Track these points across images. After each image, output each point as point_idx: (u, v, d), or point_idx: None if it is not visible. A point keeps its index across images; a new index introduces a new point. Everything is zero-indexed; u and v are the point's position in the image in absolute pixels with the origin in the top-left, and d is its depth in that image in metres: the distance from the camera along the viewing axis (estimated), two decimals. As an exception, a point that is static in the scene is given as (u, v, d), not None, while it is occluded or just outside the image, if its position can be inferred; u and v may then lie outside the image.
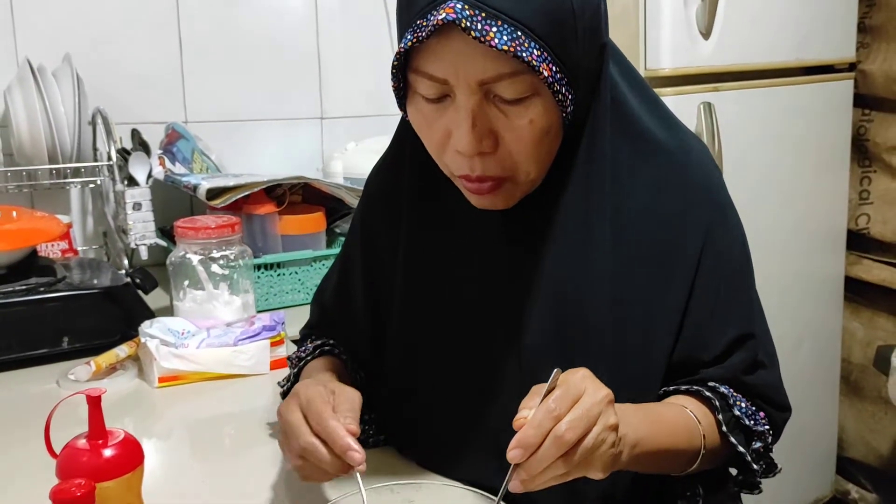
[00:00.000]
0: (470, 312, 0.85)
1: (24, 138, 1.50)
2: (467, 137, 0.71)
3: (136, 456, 0.62)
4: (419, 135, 0.78)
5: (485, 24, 0.65)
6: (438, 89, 0.72)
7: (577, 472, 0.65)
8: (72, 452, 0.60)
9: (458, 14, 0.65)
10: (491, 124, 0.72)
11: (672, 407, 0.80)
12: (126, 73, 1.75)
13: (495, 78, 0.69)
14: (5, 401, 1.14)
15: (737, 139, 1.65)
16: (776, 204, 1.81)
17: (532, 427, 0.62)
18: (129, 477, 0.61)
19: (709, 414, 0.81)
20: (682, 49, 1.56)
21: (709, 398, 0.81)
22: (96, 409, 0.61)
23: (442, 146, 0.76)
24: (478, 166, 0.74)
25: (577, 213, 0.79)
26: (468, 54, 0.68)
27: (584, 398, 0.65)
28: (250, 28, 1.88)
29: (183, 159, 1.72)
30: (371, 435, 0.96)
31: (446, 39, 0.68)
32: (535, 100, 0.71)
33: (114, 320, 1.28)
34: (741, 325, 0.83)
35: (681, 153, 0.83)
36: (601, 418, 0.64)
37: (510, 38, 0.66)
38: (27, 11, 1.64)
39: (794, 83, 1.77)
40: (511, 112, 0.72)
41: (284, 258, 1.53)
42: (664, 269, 0.80)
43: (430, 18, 0.66)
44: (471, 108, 0.71)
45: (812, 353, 1.98)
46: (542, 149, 0.75)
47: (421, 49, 0.70)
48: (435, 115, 0.74)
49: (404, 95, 0.76)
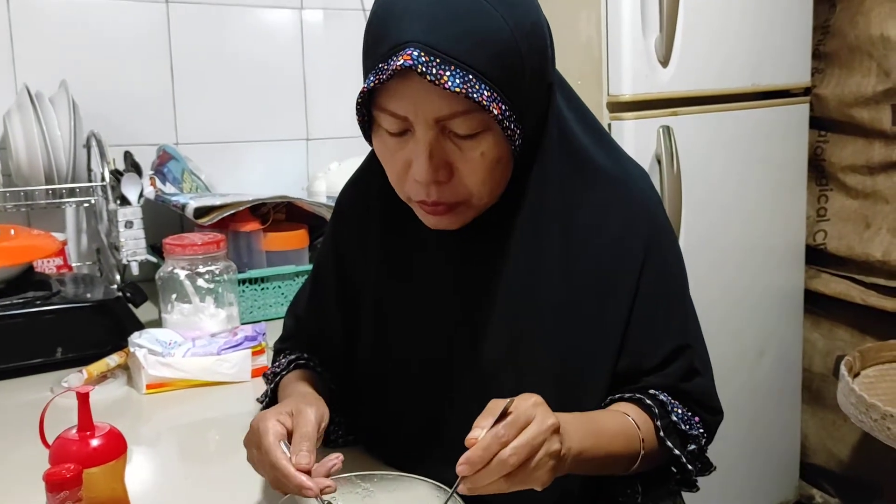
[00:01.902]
0: (432, 326, 0.93)
1: (22, 160, 1.59)
2: (424, 167, 0.80)
3: (119, 446, 0.71)
4: (383, 164, 0.87)
5: (439, 68, 0.74)
6: (400, 125, 0.80)
7: (517, 487, 0.72)
8: (63, 442, 0.69)
9: (414, 61, 0.74)
10: (447, 156, 0.81)
11: (614, 415, 0.87)
12: (120, 97, 1.83)
13: (450, 116, 0.78)
14: (3, 407, 1.21)
15: (696, 161, 1.75)
16: (737, 222, 1.90)
17: (480, 449, 0.69)
18: (114, 464, 0.70)
19: (648, 420, 0.88)
20: (641, 76, 1.66)
21: (649, 406, 0.88)
22: (85, 404, 0.70)
23: (402, 175, 0.84)
24: (434, 193, 0.83)
25: (528, 233, 0.87)
26: (425, 95, 0.77)
27: (531, 426, 0.71)
28: (238, 53, 1.97)
29: (173, 179, 1.81)
30: (341, 436, 1.03)
31: (406, 81, 0.76)
32: (487, 135, 0.80)
33: (105, 332, 1.36)
34: (678, 336, 0.91)
35: (623, 179, 0.92)
36: (545, 445, 0.72)
37: (462, 80, 0.74)
38: (26, 41, 1.72)
39: (750, 107, 1.87)
40: (465, 146, 0.80)
41: (268, 273, 1.61)
42: (608, 286, 0.88)
43: (391, 63, 0.75)
44: (428, 141, 0.79)
45: (774, 363, 2.06)
46: (493, 178, 0.83)
47: (384, 89, 0.78)
48: (397, 147, 0.83)
49: (369, 128, 0.85)
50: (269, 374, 1.06)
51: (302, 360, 1.03)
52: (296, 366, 1.03)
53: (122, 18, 1.83)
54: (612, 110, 1.66)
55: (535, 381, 0.84)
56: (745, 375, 1.98)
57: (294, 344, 1.07)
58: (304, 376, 0.99)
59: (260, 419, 0.82)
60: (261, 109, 2.02)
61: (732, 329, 1.92)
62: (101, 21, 1.80)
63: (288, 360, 1.04)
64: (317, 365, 1.03)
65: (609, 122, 1.66)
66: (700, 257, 1.79)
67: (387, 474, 0.84)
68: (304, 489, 0.75)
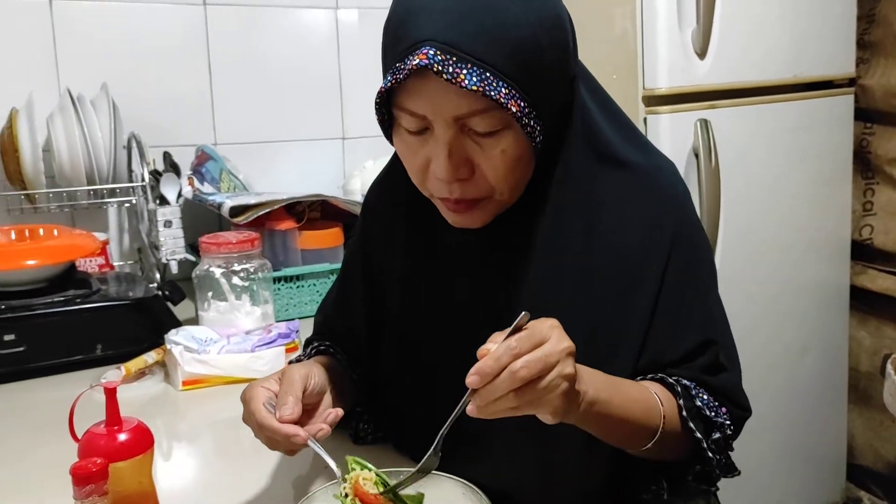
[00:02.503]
0: (457, 324, 0.93)
1: (65, 162, 1.62)
2: (445, 166, 0.80)
3: (146, 440, 0.72)
4: (404, 162, 0.87)
5: (455, 67, 0.73)
6: (419, 123, 0.80)
7: (528, 408, 0.70)
8: (91, 437, 0.71)
9: (430, 60, 0.73)
10: (467, 154, 0.81)
11: (637, 384, 0.85)
12: (160, 99, 1.87)
13: (468, 114, 0.77)
14: (44, 402, 1.24)
15: (735, 155, 1.72)
16: (777, 216, 1.86)
17: (491, 359, 0.68)
18: (141, 458, 0.71)
19: (671, 398, 0.86)
20: (678, 69, 1.63)
21: (672, 385, 0.86)
22: (112, 399, 0.71)
23: (424, 173, 0.84)
24: (456, 190, 0.82)
25: (551, 230, 0.86)
26: (442, 94, 0.76)
27: (545, 344, 0.70)
28: (275, 53, 2.00)
29: (211, 179, 1.84)
30: (370, 432, 1.04)
31: (424, 80, 0.76)
32: (507, 132, 0.79)
33: (143, 329, 1.39)
34: (703, 331, 0.89)
35: (650, 173, 0.91)
36: (558, 366, 0.69)
37: (479, 78, 0.74)
38: (68, 45, 1.77)
39: (792, 99, 1.83)
40: (485, 143, 0.80)
41: (302, 271, 1.63)
42: (633, 280, 0.87)
43: (407, 63, 0.75)
44: (447, 140, 0.79)
45: (818, 361, 2.01)
46: (515, 175, 0.83)
47: (402, 88, 0.78)
48: (417, 146, 0.83)
49: (390, 127, 0.85)
50: (294, 361, 1.07)
51: (323, 346, 1.04)
52: (316, 352, 1.04)
53: (161, 22, 1.86)
54: (647, 104, 1.64)
55: None
56: (788, 373, 1.94)
57: (321, 340, 1.08)
58: (322, 359, 1.00)
59: (247, 389, 0.86)
60: (297, 109, 2.04)
61: (773, 325, 1.88)
62: (141, 25, 1.84)
63: (311, 348, 1.05)
64: (337, 352, 1.03)
65: (645, 115, 1.64)
66: (739, 252, 1.76)
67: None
68: (293, 437, 0.79)
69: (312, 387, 0.87)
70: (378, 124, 0.85)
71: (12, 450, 1.10)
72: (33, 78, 1.73)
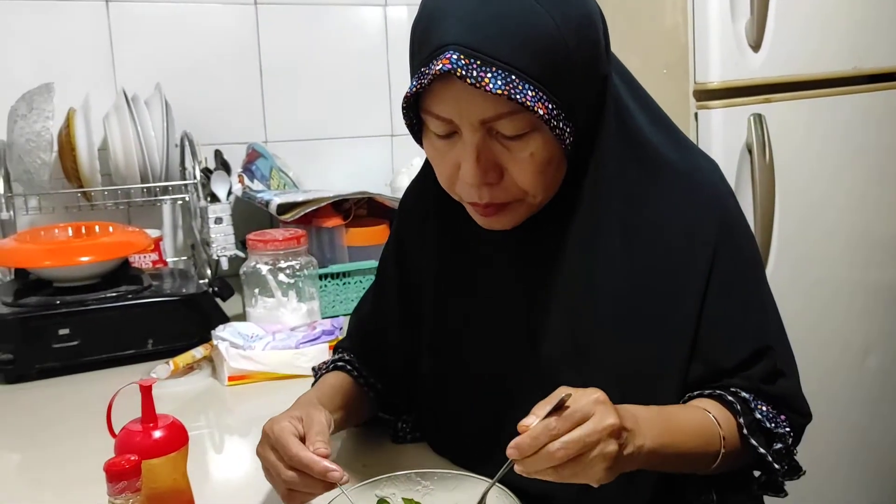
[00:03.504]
0: (491, 327, 0.92)
1: (119, 160, 1.67)
2: (472, 170, 0.79)
3: (181, 438, 0.74)
4: (433, 166, 0.87)
5: (479, 71, 0.72)
6: (446, 127, 0.80)
7: (570, 480, 0.70)
8: (127, 433, 0.72)
9: (453, 64, 0.73)
10: (495, 158, 0.80)
11: (693, 410, 0.83)
12: (211, 98, 1.90)
13: (495, 117, 0.76)
14: (97, 395, 1.26)
15: (790, 151, 1.66)
16: (836, 214, 1.79)
17: (529, 437, 0.68)
18: (175, 456, 0.73)
19: (730, 417, 0.83)
20: (731, 62, 1.58)
21: (730, 402, 0.84)
22: (148, 396, 0.72)
23: (453, 177, 0.83)
24: (485, 195, 0.82)
25: (585, 232, 0.85)
26: (467, 98, 0.75)
27: (587, 423, 0.69)
28: (325, 51, 2.01)
29: (261, 177, 1.86)
30: (408, 432, 1.04)
31: (449, 84, 0.76)
32: (535, 135, 0.78)
33: (193, 325, 1.42)
34: (758, 338, 0.86)
35: (690, 172, 0.88)
36: (599, 446, 0.69)
37: (504, 82, 0.73)
38: (124, 46, 1.81)
39: (851, 92, 1.76)
40: (513, 147, 0.79)
41: (349, 268, 1.64)
42: (675, 285, 0.84)
43: (431, 67, 0.74)
44: (475, 144, 0.78)
45: (882, 363, 1.94)
46: (545, 178, 0.81)
47: (428, 92, 0.78)
48: (446, 150, 0.82)
49: (419, 131, 0.85)
50: (316, 370, 1.09)
51: (342, 361, 1.04)
52: (335, 367, 1.04)
53: (214, 21, 1.90)
54: (699, 99, 1.60)
55: (599, 383, 0.81)
56: (847, 375, 1.88)
57: (352, 343, 1.08)
58: (338, 378, 1.00)
59: (273, 422, 0.82)
60: (347, 106, 2.06)
61: (832, 327, 1.82)
62: (194, 25, 1.88)
63: (332, 359, 1.06)
64: (354, 368, 1.03)
65: (696, 111, 1.60)
66: (795, 251, 1.71)
67: (447, 473, 0.84)
68: (330, 472, 0.76)
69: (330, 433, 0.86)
70: (407, 128, 0.84)
71: (64, 441, 1.13)
72: (91, 79, 1.77)
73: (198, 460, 1.05)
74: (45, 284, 1.42)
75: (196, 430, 1.17)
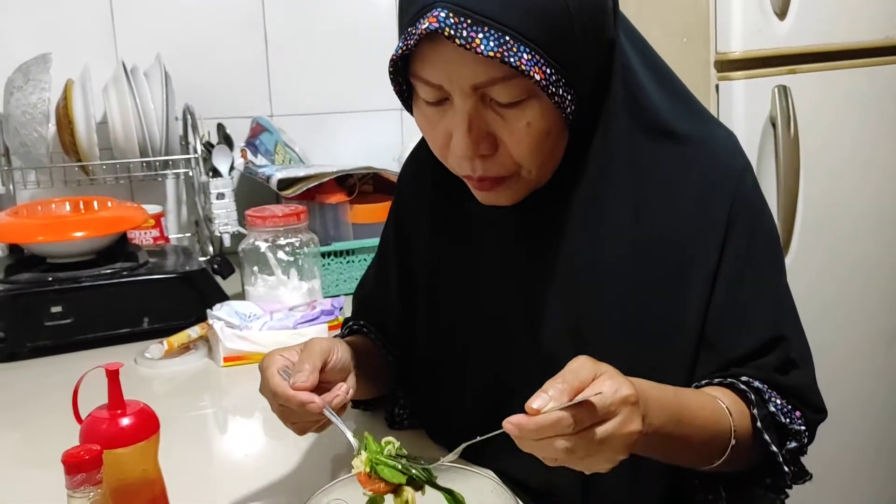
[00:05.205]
0: (488, 305, 0.87)
1: (118, 133, 1.62)
2: (464, 141, 0.73)
3: (151, 425, 0.68)
4: (424, 136, 0.80)
5: (470, 30, 0.66)
6: (436, 93, 0.73)
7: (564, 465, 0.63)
8: (92, 420, 0.67)
9: (440, 23, 0.66)
10: (489, 127, 0.73)
11: (704, 397, 0.77)
12: (215, 70, 1.85)
13: (487, 83, 0.70)
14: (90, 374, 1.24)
15: (817, 124, 1.58)
16: (865, 192, 1.71)
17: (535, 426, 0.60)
18: (144, 445, 0.68)
19: (743, 408, 0.78)
20: (754, 30, 1.50)
21: (743, 391, 0.78)
22: (115, 381, 0.67)
23: (445, 147, 0.77)
24: (479, 167, 0.75)
25: (589, 207, 0.79)
26: (458, 60, 0.69)
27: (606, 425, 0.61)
28: (332, 23, 1.95)
29: (265, 151, 1.81)
30: (405, 418, 0.99)
31: (437, 46, 0.69)
32: (532, 102, 0.71)
33: (190, 303, 1.37)
34: (771, 326, 0.80)
35: (705, 143, 0.81)
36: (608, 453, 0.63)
37: (497, 43, 0.66)
38: (125, 16, 1.76)
39: (883, 63, 1.67)
40: (508, 115, 0.72)
41: (354, 245, 1.58)
42: (683, 263, 0.79)
43: (418, 26, 0.68)
44: (467, 111, 0.72)
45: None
46: (543, 150, 0.75)
47: (416, 55, 0.71)
48: (436, 118, 0.76)
49: (409, 97, 0.78)
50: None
51: (357, 325, 1.00)
52: (350, 331, 1.00)
53: (217, -9, 1.84)
54: (720, 69, 1.52)
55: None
56: (872, 362, 1.80)
57: (357, 320, 1.03)
58: (356, 339, 0.96)
59: (265, 357, 0.81)
60: (355, 80, 2.00)
61: (858, 311, 1.75)
62: (197, -6, 1.82)
63: (347, 328, 1.02)
64: (371, 332, 0.99)
65: (717, 82, 1.52)
66: (819, 231, 1.63)
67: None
68: (307, 404, 0.73)
69: (335, 362, 0.81)
70: (396, 95, 0.78)
71: (56, 421, 1.09)
72: (90, 49, 1.73)
73: (189, 443, 1.02)
74: (39, 261, 1.38)
75: (189, 412, 1.13)
